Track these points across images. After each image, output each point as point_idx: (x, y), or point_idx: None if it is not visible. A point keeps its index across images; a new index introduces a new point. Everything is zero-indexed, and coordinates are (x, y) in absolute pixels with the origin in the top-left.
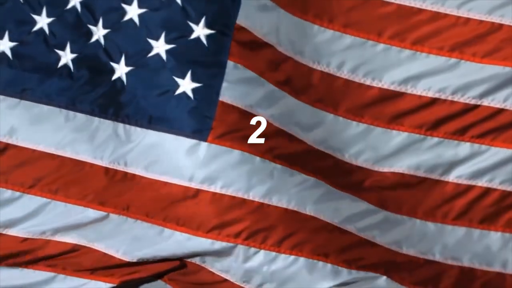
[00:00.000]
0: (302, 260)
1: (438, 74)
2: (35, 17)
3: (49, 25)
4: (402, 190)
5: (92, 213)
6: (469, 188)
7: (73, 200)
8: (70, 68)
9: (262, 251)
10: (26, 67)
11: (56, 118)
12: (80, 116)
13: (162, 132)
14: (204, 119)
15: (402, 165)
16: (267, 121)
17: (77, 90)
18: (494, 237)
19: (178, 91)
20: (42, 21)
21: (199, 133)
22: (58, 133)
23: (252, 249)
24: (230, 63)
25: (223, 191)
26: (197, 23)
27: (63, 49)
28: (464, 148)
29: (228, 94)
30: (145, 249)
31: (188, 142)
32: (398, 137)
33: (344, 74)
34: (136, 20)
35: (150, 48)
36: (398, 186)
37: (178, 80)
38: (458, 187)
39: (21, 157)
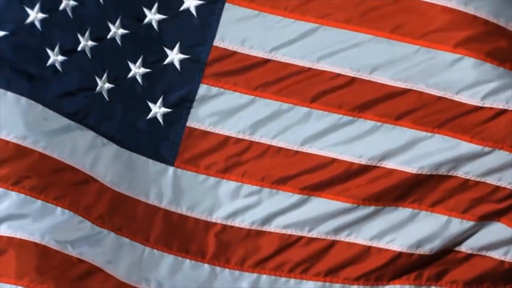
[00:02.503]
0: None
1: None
2: (28, 10)
3: (41, 21)
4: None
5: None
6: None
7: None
8: (58, 69)
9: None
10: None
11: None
12: (58, 116)
13: (134, 153)
14: (172, 145)
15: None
16: (241, 138)
17: (61, 91)
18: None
19: (150, 116)
20: (35, 16)
21: (167, 158)
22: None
23: None
24: (203, 86)
25: (188, 213)
26: (171, 48)
27: (52, 49)
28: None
29: (196, 119)
30: None
31: (158, 165)
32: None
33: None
34: (119, 40)
35: (129, 70)
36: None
37: (151, 105)
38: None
39: None
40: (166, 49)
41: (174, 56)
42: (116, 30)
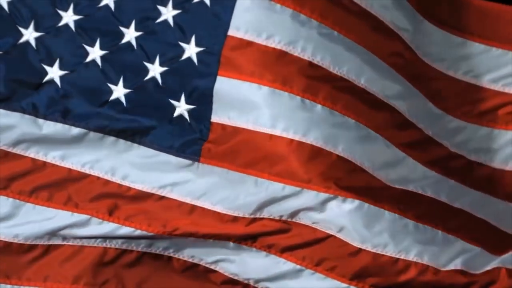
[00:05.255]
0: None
1: None
2: (22, 29)
3: (37, 39)
4: None
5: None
6: None
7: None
8: (57, 84)
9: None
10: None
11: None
12: (77, 130)
13: (160, 151)
14: (198, 140)
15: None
16: (264, 132)
17: (66, 104)
18: None
19: (176, 114)
20: (29, 35)
21: (193, 154)
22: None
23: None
24: (219, 79)
25: (215, 208)
26: (188, 42)
27: (51, 64)
28: None
29: (218, 113)
30: None
31: (183, 162)
32: None
33: (361, 83)
34: (134, 43)
35: (147, 71)
36: None
37: (175, 102)
38: None
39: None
40: (182, 44)
41: (191, 50)
42: (131, 34)
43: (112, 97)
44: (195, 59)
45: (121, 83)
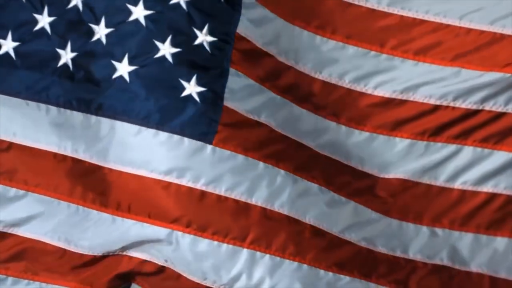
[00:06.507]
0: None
1: (439, 82)
2: (37, 16)
3: (51, 24)
4: (407, 196)
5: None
6: (475, 194)
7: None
8: (69, 67)
9: (267, 256)
10: (28, 66)
11: (58, 118)
12: (78, 115)
13: (169, 133)
14: (210, 122)
15: (407, 172)
16: (271, 127)
17: (77, 89)
18: (501, 243)
19: (184, 94)
20: (44, 20)
21: (205, 135)
22: (59, 132)
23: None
24: (232, 70)
25: (227, 194)
26: (200, 29)
27: (63, 48)
28: (467, 152)
29: (231, 99)
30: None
31: (194, 143)
32: (401, 144)
33: (346, 83)
34: (142, 21)
35: (157, 50)
36: (402, 193)
37: (184, 83)
38: (464, 193)
39: (24, 155)
40: (195, 30)
41: (204, 37)
42: (139, 11)
43: (116, 75)
44: (207, 47)
45: (125, 60)
